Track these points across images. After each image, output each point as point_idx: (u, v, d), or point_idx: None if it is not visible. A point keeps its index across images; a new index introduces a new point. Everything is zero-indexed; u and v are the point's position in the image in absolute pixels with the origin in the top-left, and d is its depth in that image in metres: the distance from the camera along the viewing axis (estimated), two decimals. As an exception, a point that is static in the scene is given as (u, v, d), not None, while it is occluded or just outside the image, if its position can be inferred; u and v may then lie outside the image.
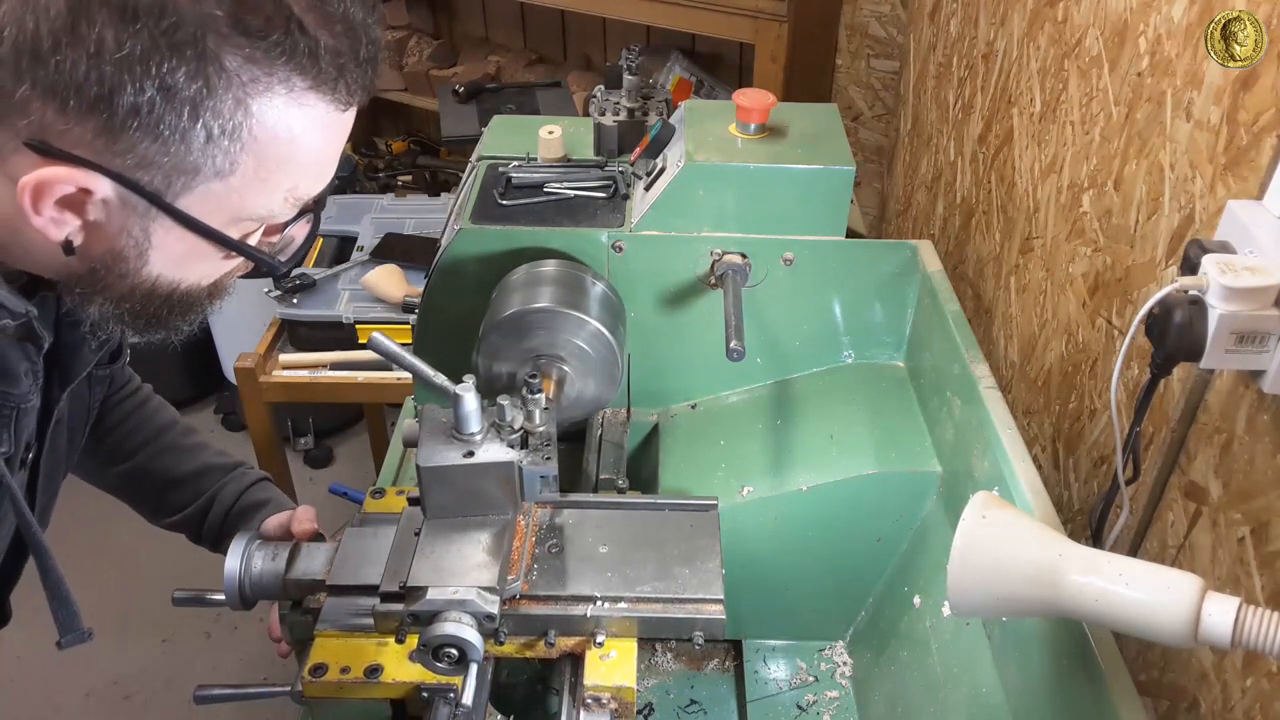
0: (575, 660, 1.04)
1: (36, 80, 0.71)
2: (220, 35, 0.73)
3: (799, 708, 1.27)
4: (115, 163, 0.75)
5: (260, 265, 0.88)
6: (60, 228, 0.78)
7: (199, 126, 0.74)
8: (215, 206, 0.80)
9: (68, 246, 0.79)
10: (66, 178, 0.75)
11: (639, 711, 1.25)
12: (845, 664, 1.32)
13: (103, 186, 0.76)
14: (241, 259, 0.87)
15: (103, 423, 1.26)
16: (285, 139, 0.79)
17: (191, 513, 1.26)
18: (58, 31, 0.70)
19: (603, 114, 1.41)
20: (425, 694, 0.99)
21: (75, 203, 0.77)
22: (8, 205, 0.78)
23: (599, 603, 1.02)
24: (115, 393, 1.28)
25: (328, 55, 0.77)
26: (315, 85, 0.78)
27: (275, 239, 0.90)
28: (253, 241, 0.87)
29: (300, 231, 0.91)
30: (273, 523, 1.19)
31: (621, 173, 1.35)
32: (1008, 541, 0.81)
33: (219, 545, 1.08)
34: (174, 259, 0.83)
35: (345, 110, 0.82)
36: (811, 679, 1.30)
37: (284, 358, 2.14)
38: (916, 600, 1.21)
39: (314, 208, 0.88)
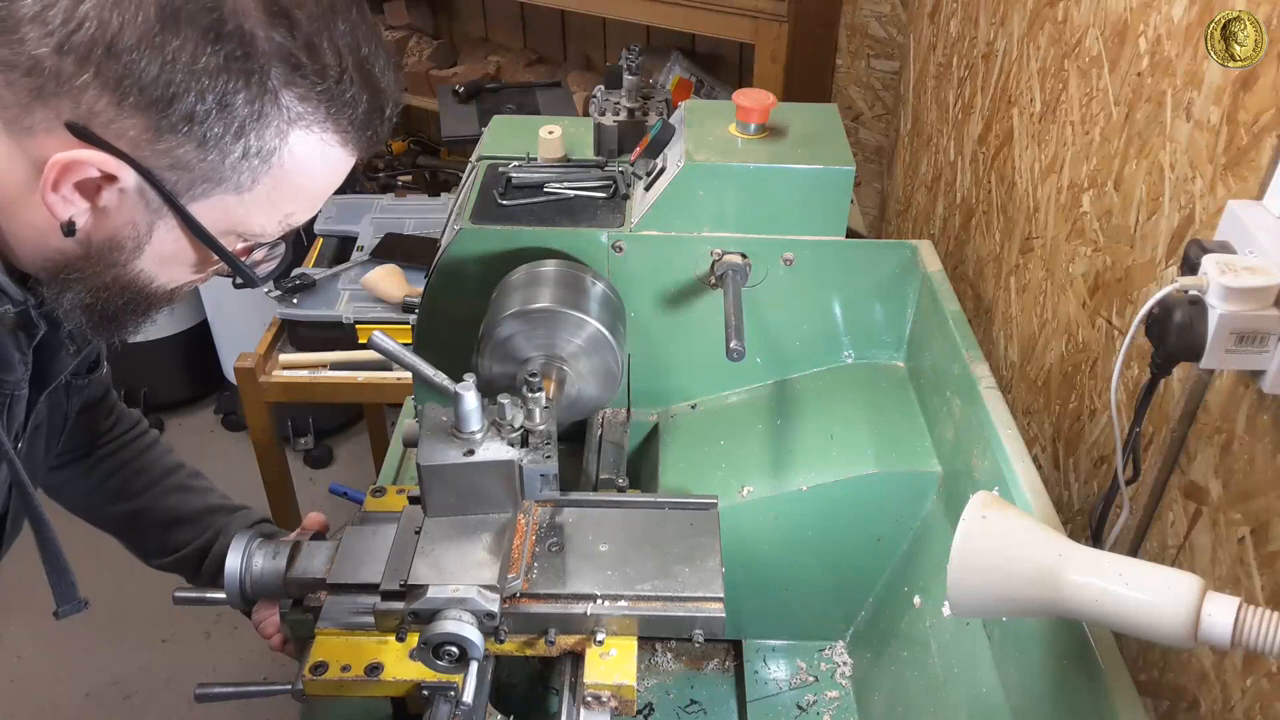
0: (575, 658, 1.04)
1: (101, 71, 0.74)
2: (285, 72, 0.79)
3: (799, 708, 1.27)
4: (150, 159, 0.78)
5: (242, 277, 0.92)
6: (67, 207, 0.80)
7: (240, 143, 0.79)
8: (219, 216, 0.84)
9: (68, 227, 0.80)
10: (99, 163, 0.77)
11: (639, 711, 1.25)
12: (845, 664, 1.32)
13: (128, 177, 0.79)
14: (205, 275, 0.93)
15: (107, 462, 1.29)
16: (304, 171, 0.84)
17: (199, 545, 1.27)
18: (141, 35, 0.74)
19: (603, 114, 1.41)
20: (426, 692, 0.99)
21: (91, 187, 0.79)
22: (14, 186, 0.80)
23: (599, 601, 1.03)
24: (124, 433, 1.31)
25: (363, 109, 0.84)
26: (344, 132, 0.85)
27: (245, 259, 0.93)
28: None
29: (267, 262, 0.97)
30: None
31: (621, 173, 1.35)
32: (1008, 541, 0.81)
33: (219, 579, 1.09)
34: (161, 257, 0.86)
35: (355, 156, 0.88)
36: (811, 679, 1.30)
37: (284, 358, 2.14)
38: (916, 600, 1.21)
39: (285, 238, 0.94)
